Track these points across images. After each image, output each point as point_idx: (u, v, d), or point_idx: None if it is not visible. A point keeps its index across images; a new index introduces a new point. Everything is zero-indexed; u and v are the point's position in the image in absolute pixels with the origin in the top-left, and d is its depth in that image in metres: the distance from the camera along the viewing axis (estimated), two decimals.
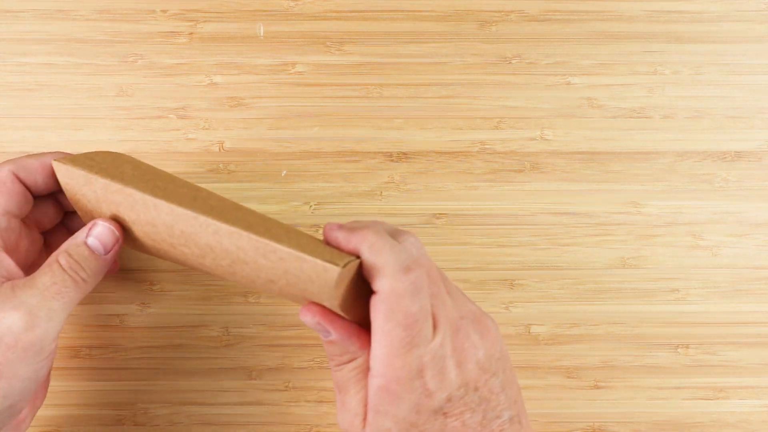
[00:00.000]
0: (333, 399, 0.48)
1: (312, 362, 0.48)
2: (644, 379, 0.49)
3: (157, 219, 0.37)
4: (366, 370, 0.35)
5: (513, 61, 0.50)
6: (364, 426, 0.34)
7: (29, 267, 0.41)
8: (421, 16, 0.50)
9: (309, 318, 0.35)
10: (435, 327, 0.34)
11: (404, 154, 0.49)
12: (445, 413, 0.34)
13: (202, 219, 0.36)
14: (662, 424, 0.48)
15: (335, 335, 0.35)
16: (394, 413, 0.33)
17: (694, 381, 0.48)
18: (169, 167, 0.48)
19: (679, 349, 0.49)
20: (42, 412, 0.47)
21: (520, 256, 0.49)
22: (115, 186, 0.37)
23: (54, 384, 0.48)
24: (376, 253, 0.34)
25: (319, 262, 0.33)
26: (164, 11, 0.49)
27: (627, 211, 0.49)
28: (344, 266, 0.33)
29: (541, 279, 0.49)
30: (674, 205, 0.49)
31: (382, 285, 0.33)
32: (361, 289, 0.35)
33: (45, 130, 0.49)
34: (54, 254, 0.37)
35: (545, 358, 0.49)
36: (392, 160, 0.49)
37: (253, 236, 0.34)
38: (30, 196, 0.40)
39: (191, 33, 0.49)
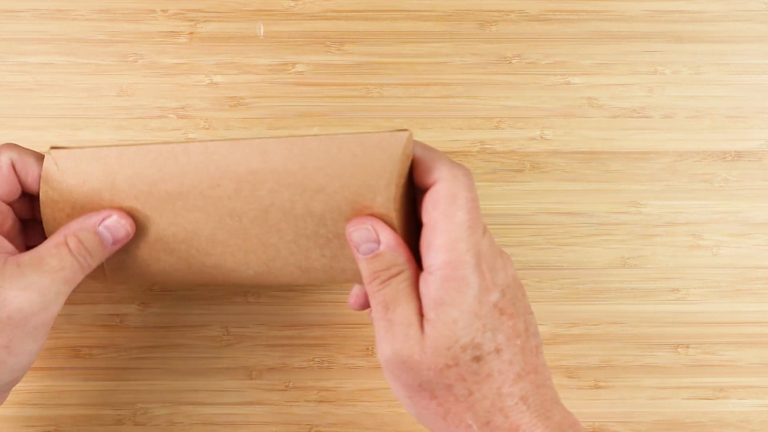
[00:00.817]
0: (333, 399, 0.48)
1: (312, 362, 0.48)
2: (644, 379, 0.49)
3: (187, 165, 0.37)
4: (415, 282, 0.35)
5: (513, 61, 0.50)
6: (422, 330, 0.34)
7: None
8: (421, 16, 0.50)
9: (361, 225, 0.35)
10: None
11: None
12: (501, 309, 0.34)
13: (245, 142, 0.36)
14: (662, 424, 0.48)
15: (386, 243, 0.35)
16: (460, 301, 0.33)
17: (694, 381, 0.49)
18: None
19: (679, 349, 0.49)
20: (42, 412, 0.47)
21: (520, 256, 0.49)
22: (132, 149, 0.37)
23: (54, 384, 0.48)
24: (429, 149, 0.35)
25: (385, 132, 0.34)
26: (164, 11, 0.49)
27: (627, 211, 0.49)
28: (409, 132, 0.34)
29: (541, 279, 0.49)
30: (674, 205, 0.49)
31: (441, 172, 0.34)
32: (403, 193, 0.36)
33: (45, 130, 0.48)
34: (60, 234, 0.37)
35: (545, 358, 0.49)
36: None
37: (309, 135, 0.35)
38: (19, 188, 0.40)
39: (191, 33, 0.49)
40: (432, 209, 0.34)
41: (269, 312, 0.48)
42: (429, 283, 0.34)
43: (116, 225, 0.38)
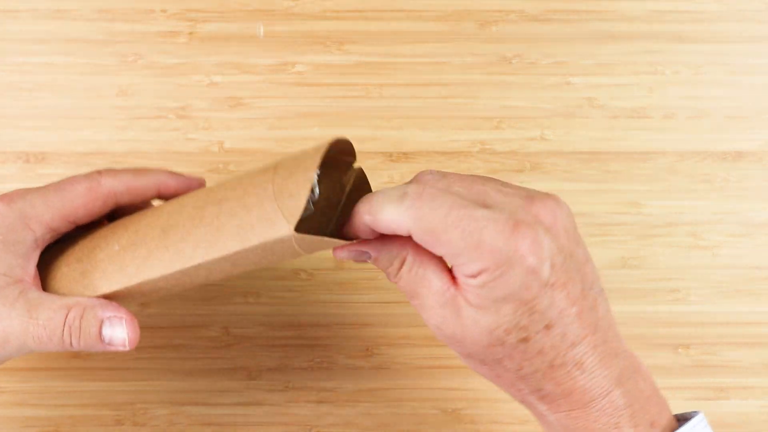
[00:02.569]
0: (333, 399, 0.48)
1: (312, 362, 0.48)
2: None
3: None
4: (426, 260, 0.33)
5: (513, 61, 0.50)
6: (457, 311, 0.32)
7: None
8: (421, 16, 0.50)
9: (343, 253, 0.34)
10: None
11: (404, 154, 0.49)
12: (552, 284, 0.31)
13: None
14: None
15: (372, 251, 0.34)
16: (506, 296, 0.31)
17: (694, 381, 0.48)
18: (169, 167, 0.48)
19: (679, 350, 0.49)
20: (42, 412, 0.47)
21: None
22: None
23: (54, 384, 0.47)
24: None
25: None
26: (164, 11, 0.49)
27: (627, 211, 0.49)
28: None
29: None
30: (674, 205, 0.49)
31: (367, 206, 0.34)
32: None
33: (45, 130, 0.48)
34: (73, 299, 0.36)
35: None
36: (392, 160, 0.49)
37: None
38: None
39: (191, 33, 0.49)
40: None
41: (269, 312, 0.48)
42: (469, 292, 0.32)
43: (120, 331, 0.36)
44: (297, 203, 0.31)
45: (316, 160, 0.32)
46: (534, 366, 0.32)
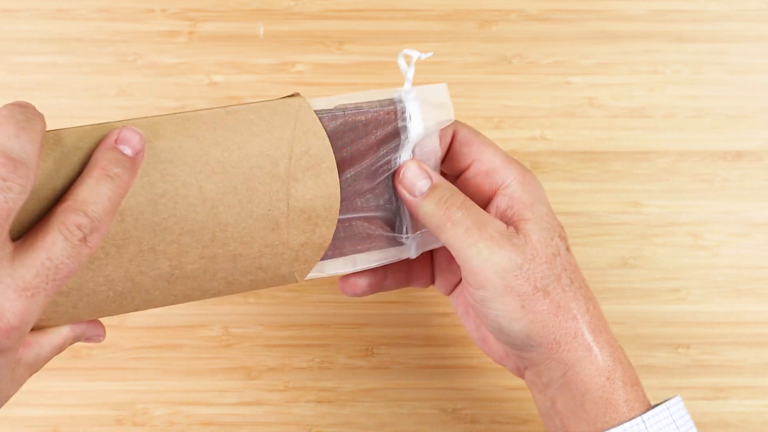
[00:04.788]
0: (333, 399, 0.48)
1: (312, 362, 0.48)
2: (645, 380, 0.48)
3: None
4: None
5: (513, 61, 0.50)
6: (521, 234, 0.36)
7: None
8: (421, 15, 0.50)
9: (407, 166, 0.37)
10: None
11: None
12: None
13: (132, 121, 0.32)
14: None
15: (434, 176, 0.36)
16: (542, 197, 0.38)
17: (694, 381, 0.48)
18: None
19: (679, 350, 0.49)
20: (41, 412, 0.47)
21: None
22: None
23: (54, 384, 0.47)
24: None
25: (278, 99, 0.35)
26: (164, 10, 0.49)
27: (627, 211, 0.49)
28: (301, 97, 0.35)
29: None
30: (674, 205, 0.49)
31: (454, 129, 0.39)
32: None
33: None
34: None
35: None
36: None
37: (202, 109, 0.34)
38: None
39: (191, 32, 0.49)
40: (468, 146, 0.37)
41: (269, 312, 0.48)
42: (511, 192, 0.37)
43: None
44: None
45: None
46: (578, 279, 0.37)
